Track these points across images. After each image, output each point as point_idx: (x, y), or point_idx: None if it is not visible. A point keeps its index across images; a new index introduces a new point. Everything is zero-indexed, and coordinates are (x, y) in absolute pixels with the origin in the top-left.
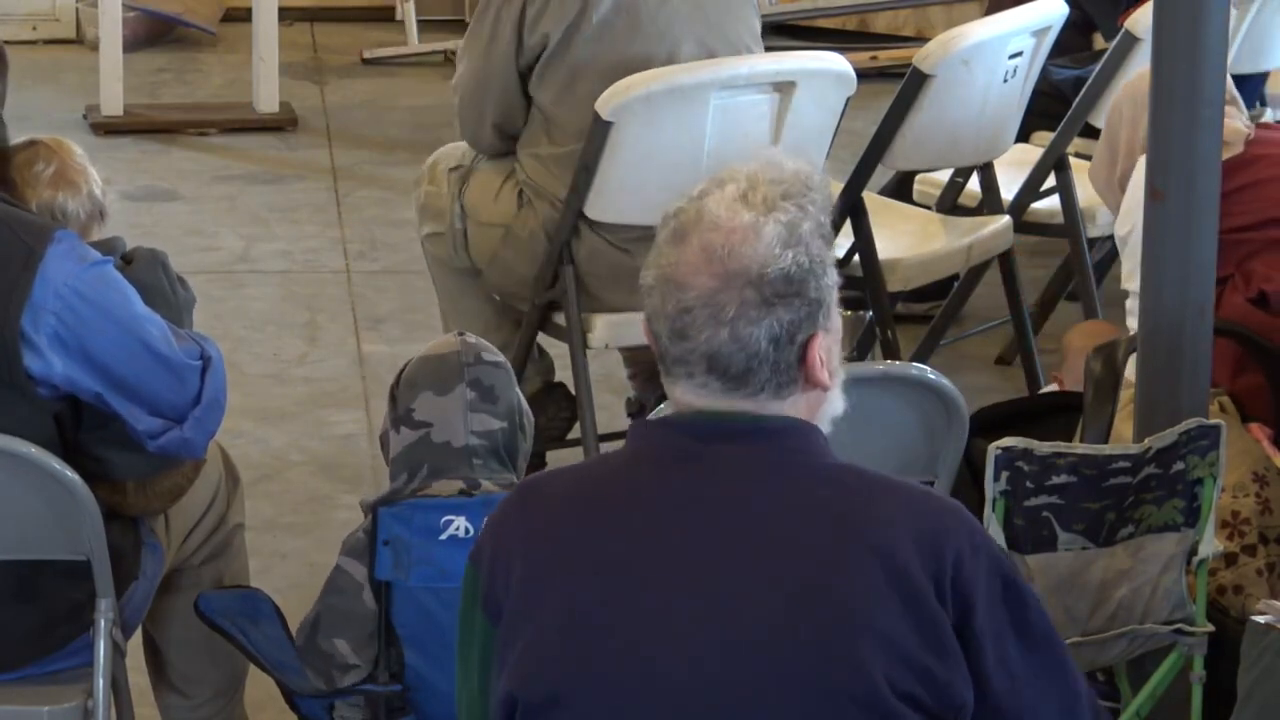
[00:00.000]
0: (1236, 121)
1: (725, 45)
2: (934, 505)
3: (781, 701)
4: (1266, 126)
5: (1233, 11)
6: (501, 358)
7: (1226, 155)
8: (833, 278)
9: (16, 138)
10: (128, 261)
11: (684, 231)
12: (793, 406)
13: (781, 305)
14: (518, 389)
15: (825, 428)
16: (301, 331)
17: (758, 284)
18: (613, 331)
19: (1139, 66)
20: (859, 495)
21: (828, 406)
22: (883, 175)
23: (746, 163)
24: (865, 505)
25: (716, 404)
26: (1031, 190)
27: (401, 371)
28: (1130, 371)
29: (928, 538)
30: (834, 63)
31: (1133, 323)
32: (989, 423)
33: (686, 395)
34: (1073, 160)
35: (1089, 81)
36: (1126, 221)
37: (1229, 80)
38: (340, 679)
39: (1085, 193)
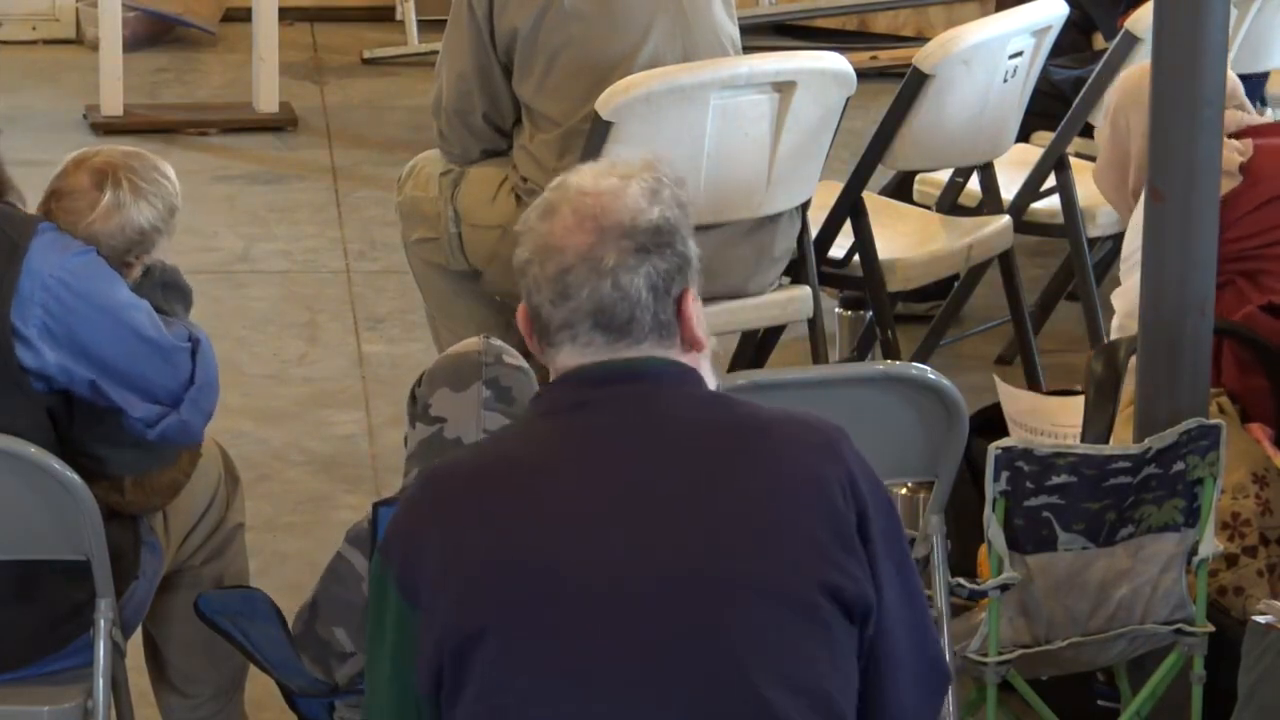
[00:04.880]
0: (1229, 149)
1: (700, 30)
2: (817, 421)
3: (717, 609)
4: (1260, 131)
5: (1233, 11)
6: (524, 362)
7: (1226, 186)
8: (695, 249)
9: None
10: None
11: (553, 205)
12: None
13: (656, 254)
14: None
15: None
16: (301, 331)
17: (631, 234)
18: None
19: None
20: (752, 413)
21: (705, 373)
22: (883, 175)
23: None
24: (761, 421)
25: (601, 356)
26: (1031, 190)
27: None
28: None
29: (826, 444)
30: (834, 63)
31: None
32: (989, 423)
33: (572, 358)
34: (1073, 160)
35: (1089, 81)
36: (1138, 237)
37: (1239, 86)
38: (338, 667)
39: (1085, 192)
